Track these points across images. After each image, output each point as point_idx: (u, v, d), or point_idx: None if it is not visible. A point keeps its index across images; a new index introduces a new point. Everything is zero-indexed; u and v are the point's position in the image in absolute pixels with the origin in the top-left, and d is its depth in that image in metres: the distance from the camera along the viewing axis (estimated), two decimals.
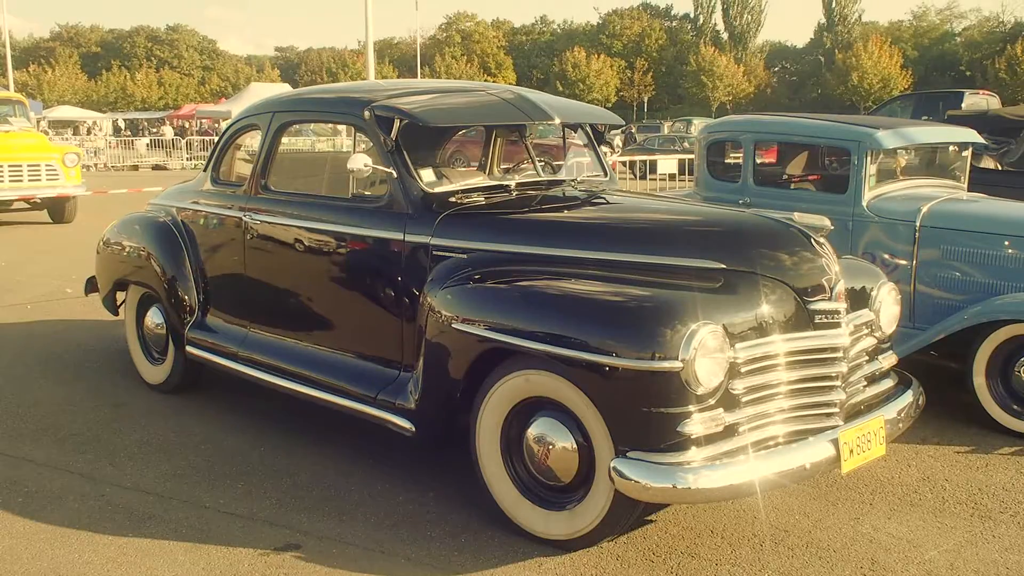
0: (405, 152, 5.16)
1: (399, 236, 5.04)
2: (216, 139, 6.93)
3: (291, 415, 6.11)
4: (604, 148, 6.39)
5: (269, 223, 5.80)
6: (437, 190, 5.19)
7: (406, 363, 4.97)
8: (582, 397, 4.07)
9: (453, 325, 4.49)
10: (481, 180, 5.80)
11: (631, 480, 3.89)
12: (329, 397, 5.28)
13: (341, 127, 13.58)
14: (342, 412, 5.22)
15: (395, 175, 5.09)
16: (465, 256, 4.81)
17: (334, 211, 5.46)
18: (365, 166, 4.98)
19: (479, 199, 5.28)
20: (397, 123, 5.14)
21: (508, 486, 4.44)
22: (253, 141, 6.27)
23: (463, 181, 5.55)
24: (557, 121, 5.59)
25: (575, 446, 4.17)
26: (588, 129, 6.21)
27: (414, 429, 4.76)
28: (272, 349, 5.81)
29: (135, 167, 36.60)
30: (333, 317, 5.55)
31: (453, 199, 5.18)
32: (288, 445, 5.71)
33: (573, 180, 5.76)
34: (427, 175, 5.33)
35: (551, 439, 4.24)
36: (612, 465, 3.94)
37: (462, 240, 4.88)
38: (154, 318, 6.79)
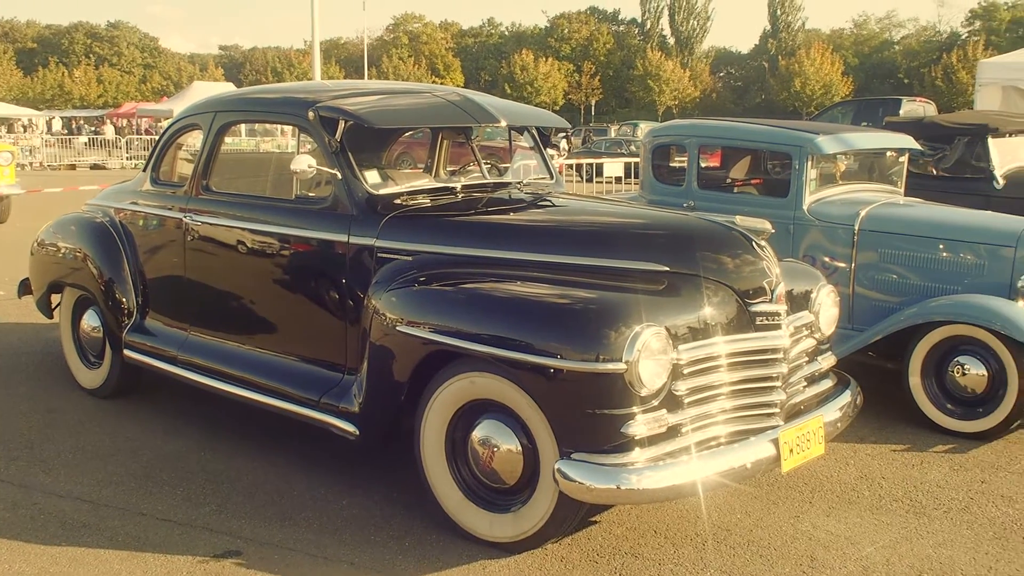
0: (350, 153, 5.14)
1: (343, 238, 5.02)
2: (157, 138, 6.83)
3: (232, 420, 6.04)
4: (550, 151, 6.41)
5: (210, 224, 5.73)
6: (382, 192, 5.17)
7: (350, 366, 4.94)
8: (527, 399, 4.09)
9: (398, 328, 4.48)
10: (427, 182, 5.79)
11: (575, 481, 3.91)
12: (271, 401, 5.23)
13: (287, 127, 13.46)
14: (285, 416, 5.18)
15: (339, 176, 5.07)
16: (410, 258, 4.79)
17: (277, 212, 5.42)
18: (309, 167, 4.94)
19: (424, 201, 5.27)
20: (342, 124, 5.11)
21: (453, 489, 4.43)
22: (195, 141, 6.19)
23: (408, 183, 5.53)
24: (503, 124, 5.60)
25: (520, 448, 4.18)
26: (534, 132, 6.22)
27: (358, 432, 4.73)
28: (213, 352, 5.74)
29: (73, 166, 35.95)
30: (276, 320, 5.50)
31: (398, 201, 5.16)
32: (229, 450, 5.65)
33: (519, 183, 5.77)
34: (372, 177, 5.31)
35: (496, 441, 4.25)
36: (556, 467, 3.96)
37: (407, 242, 4.87)
38: (90, 321, 6.67)
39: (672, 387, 4.06)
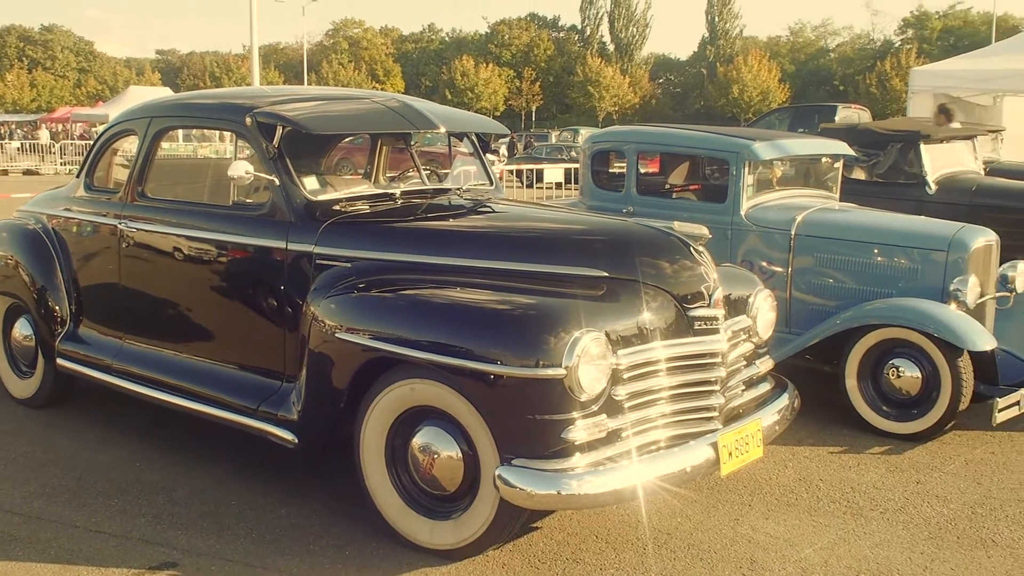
0: (288, 159, 5.09)
1: (281, 245, 4.97)
2: (91, 144, 6.72)
3: (168, 429, 5.95)
4: (490, 156, 6.41)
5: (146, 231, 5.64)
6: (321, 198, 5.14)
7: (288, 374, 4.89)
8: (467, 406, 4.08)
9: (337, 335, 4.45)
10: (366, 188, 5.75)
11: (516, 488, 3.91)
12: (208, 409, 5.16)
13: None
14: (222, 425, 5.11)
15: (277, 183, 5.02)
16: (349, 265, 4.77)
17: (214, 219, 5.35)
18: (247, 173, 4.89)
19: (364, 207, 5.23)
20: (280, 130, 5.07)
21: (393, 496, 4.41)
22: (131, 147, 6.09)
23: (347, 189, 5.50)
24: (442, 130, 5.60)
25: (460, 455, 4.17)
26: (474, 138, 6.22)
27: (297, 441, 4.69)
28: (149, 361, 5.65)
29: (5, 171, 35.25)
30: (213, 327, 5.43)
31: (337, 207, 5.12)
32: (165, 460, 5.55)
33: (459, 189, 5.77)
34: (310, 183, 5.27)
35: (436, 448, 4.23)
36: (497, 473, 3.95)
37: (346, 249, 4.84)
38: (22, 329, 6.53)
39: (612, 392, 4.07)
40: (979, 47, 21.60)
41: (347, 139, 7.02)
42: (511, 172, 19.02)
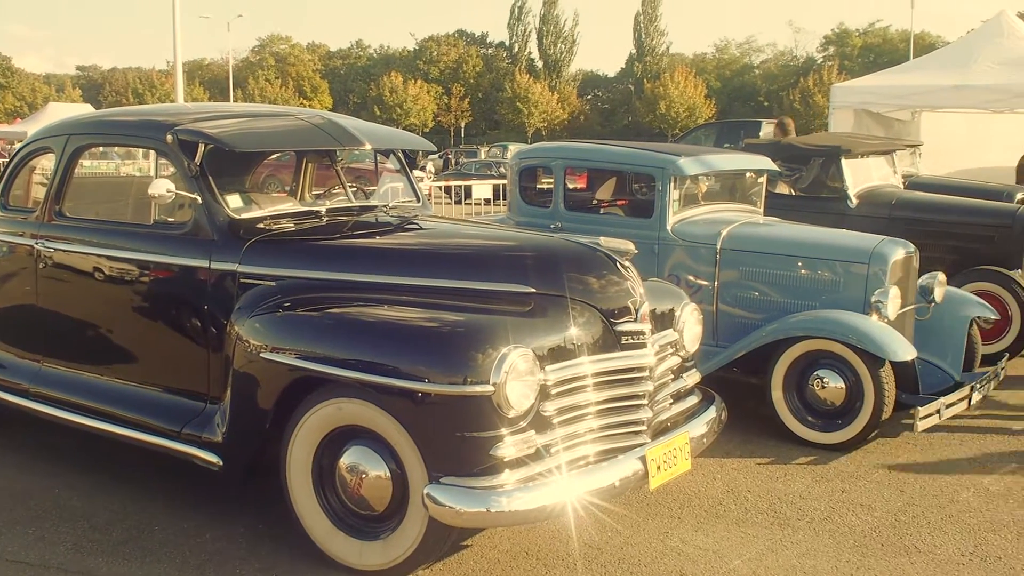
0: (211, 177, 5.02)
1: (204, 264, 4.89)
2: (6, 162, 6.55)
3: (88, 454, 5.80)
4: (418, 173, 6.39)
5: (65, 251, 5.51)
6: (244, 216, 5.08)
7: (213, 395, 4.81)
8: (395, 424, 4.04)
9: (262, 354, 4.39)
10: (291, 206, 5.69)
11: (445, 506, 3.89)
12: (131, 433, 5.05)
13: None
14: (145, 448, 5.00)
15: (200, 201, 4.94)
16: (274, 284, 4.71)
17: (135, 238, 5.26)
18: (168, 191, 4.81)
19: (289, 225, 5.19)
20: (202, 147, 4.99)
21: (320, 517, 4.35)
22: (50, 164, 5.96)
23: (272, 207, 5.44)
24: (368, 146, 5.57)
25: (388, 474, 4.14)
26: (400, 155, 6.20)
27: (221, 463, 4.61)
28: (68, 384, 5.51)
29: None
30: (135, 349, 5.32)
31: (261, 225, 5.07)
32: (85, 486, 5.42)
33: (385, 206, 5.74)
34: (234, 201, 5.21)
35: (364, 468, 4.19)
36: (425, 492, 3.92)
37: (271, 267, 4.78)
38: None
39: (540, 408, 4.08)
40: (898, 63, 22.09)
41: (273, 156, 6.94)
42: (440, 188, 19.00)
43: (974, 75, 14.21)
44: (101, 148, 7.06)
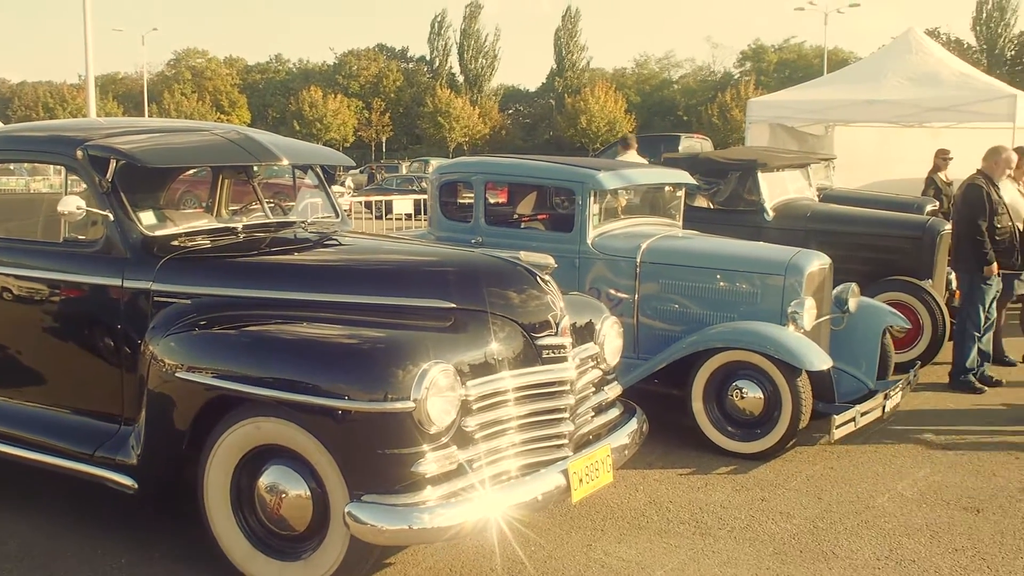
0: (123, 194, 4.92)
1: (117, 282, 4.78)
2: None
3: None
4: (337, 188, 6.35)
5: None
6: (158, 233, 4.98)
7: (127, 416, 4.70)
8: (314, 443, 4.00)
9: (177, 374, 4.31)
10: (206, 222, 5.59)
11: (366, 524, 3.86)
12: (42, 457, 4.89)
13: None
14: (57, 473, 4.86)
15: (111, 218, 4.83)
16: (190, 302, 4.63)
17: (44, 257, 5.12)
18: (78, 208, 4.70)
19: (204, 242, 5.10)
20: (113, 163, 4.89)
21: (239, 539, 4.27)
22: None
23: (187, 224, 5.34)
24: (285, 162, 5.51)
25: (309, 493, 4.09)
26: (319, 170, 6.14)
27: (136, 486, 4.51)
28: None
29: None
30: (46, 371, 5.17)
31: (176, 243, 4.98)
32: None
33: (304, 222, 5.68)
34: (147, 218, 5.10)
35: (284, 487, 4.13)
36: (347, 510, 3.89)
37: (186, 285, 4.70)
38: None
39: (462, 423, 4.07)
40: (812, 79, 22.57)
41: (189, 172, 6.83)
42: (361, 203, 18.87)
43: (884, 90, 14.60)
44: (11, 165, 6.85)
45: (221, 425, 4.23)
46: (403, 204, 17.84)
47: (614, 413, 5.12)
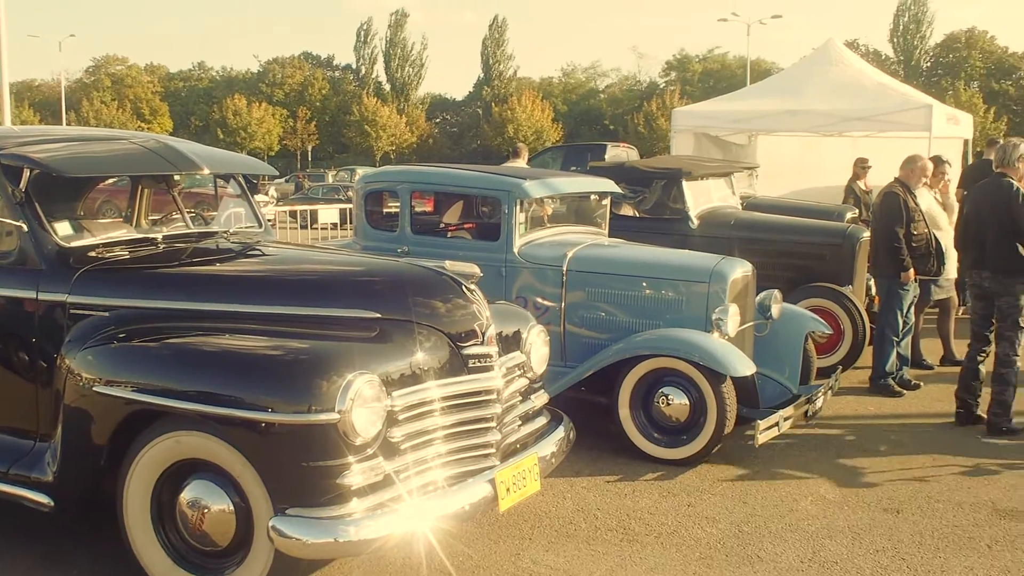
0: (37, 204, 4.79)
1: (32, 295, 4.66)
2: None
3: None
4: (261, 197, 6.26)
5: None
6: (74, 244, 4.87)
7: (43, 432, 4.57)
8: (237, 456, 3.94)
9: (95, 388, 4.22)
10: (125, 233, 5.48)
11: (291, 538, 3.81)
12: None
13: None
14: None
15: (25, 229, 4.71)
16: (108, 314, 4.53)
17: None
18: None
19: (123, 253, 5.00)
20: (27, 173, 4.76)
21: (160, 555, 4.19)
22: None
23: (105, 234, 5.23)
24: (206, 171, 5.42)
25: (232, 508, 4.03)
26: (241, 179, 6.05)
27: (53, 504, 4.39)
28: None
29: None
30: None
31: (93, 254, 4.87)
32: None
33: (226, 232, 5.59)
34: (63, 228, 4.98)
35: (206, 502, 4.07)
36: (271, 524, 3.84)
37: (104, 297, 4.60)
38: None
39: (388, 434, 4.04)
40: (736, 88, 22.91)
41: (109, 181, 6.68)
42: (286, 213, 18.67)
43: (806, 100, 14.85)
44: None
45: (140, 440, 4.14)
46: (329, 214, 17.68)
47: (541, 422, 5.13)
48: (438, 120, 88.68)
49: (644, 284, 6.77)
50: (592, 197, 8.04)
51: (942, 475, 6.19)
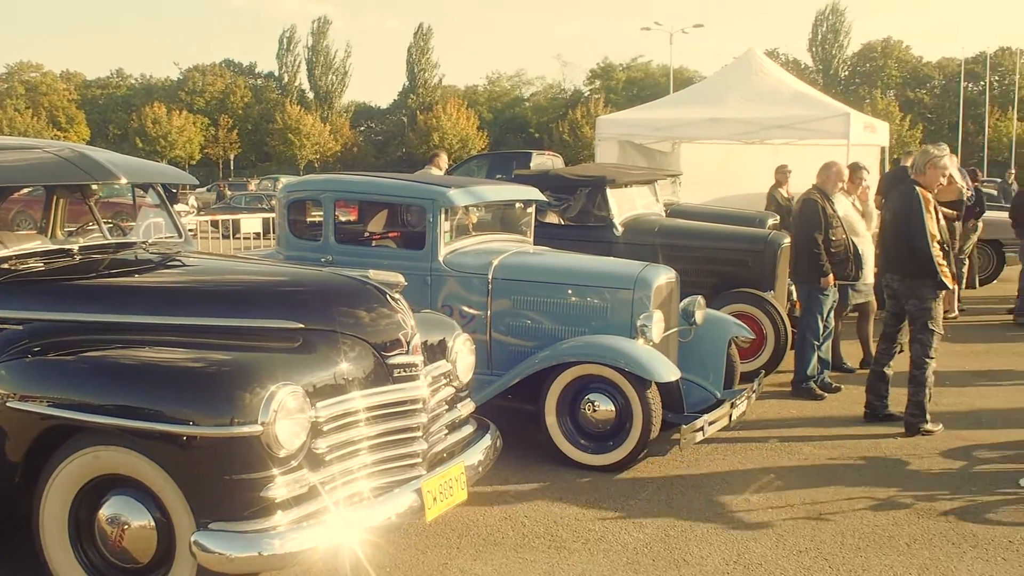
0: None
1: None
2: None
3: None
4: (181, 207, 6.16)
5: None
6: None
7: None
8: (158, 471, 3.87)
9: (8, 403, 4.11)
10: (39, 244, 5.34)
11: (214, 553, 3.75)
12: None
13: None
14: None
15: None
16: (22, 327, 4.42)
17: None
18: None
19: (37, 265, 4.87)
20: None
21: (78, 573, 4.10)
22: None
23: (19, 246, 5.08)
24: (123, 181, 5.32)
25: (153, 523, 3.96)
26: (160, 189, 5.94)
27: None
28: None
29: None
30: None
31: (6, 266, 4.74)
32: None
33: (144, 243, 5.49)
34: None
35: (126, 518, 3.99)
36: (193, 539, 3.78)
37: (18, 310, 4.48)
38: None
39: (312, 446, 4.00)
40: (660, 97, 23.13)
41: (23, 191, 6.51)
42: (208, 223, 18.40)
43: (727, 109, 15.09)
44: None
45: (57, 455, 4.05)
46: (251, 223, 17.50)
47: (468, 430, 5.12)
48: (363, 128, 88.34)
49: (569, 291, 6.79)
50: (517, 205, 8.06)
51: (863, 476, 6.31)
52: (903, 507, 5.73)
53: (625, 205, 9.79)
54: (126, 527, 3.98)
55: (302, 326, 4.34)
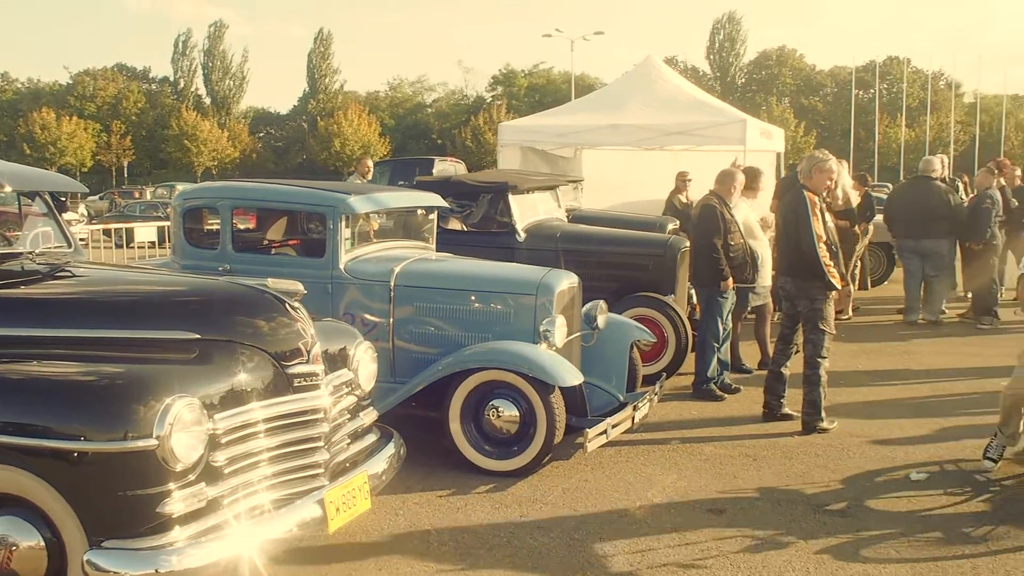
0: None
1: None
2: None
3: None
4: (71, 216, 5.97)
5: None
6: None
7: None
8: (47, 489, 3.76)
9: None
10: None
11: (108, 571, 3.68)
12: None
13: None
14: None
15: None
16: None
17: None
18: None
19: None
20: None
21: None
22: None
23: None
24: (8, 188, 5.13)
25: (43, 543, 3.84)
26: (48, 197, 5.75)
27: None
28: None
29: None
30: None
31: None
32: None
33: (31, 252, 5.30)
34: None
35: (14, 539, 3.86)
36: (85, 559, 3.69)
37: None
38: None
39: (210, 459, 3.93)
40: (562, 103, 23.31)
41: None
42: (100, 232, 17.93)
43: (627, 115, 15.28)
44: None
45: None
46: (146, 232, 17.11)
47: (371, 439, 5.08)
48: (262, 135, 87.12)
49: (472, 298, 6.78)
50: (419, 211, 8.02)
51: (762, 474, 6.43)
52: (800, 504, 5.85)
53: (527, 211, 9.81)
54: (14, 548, 3.84)
55: (198, 337, 4.25)
